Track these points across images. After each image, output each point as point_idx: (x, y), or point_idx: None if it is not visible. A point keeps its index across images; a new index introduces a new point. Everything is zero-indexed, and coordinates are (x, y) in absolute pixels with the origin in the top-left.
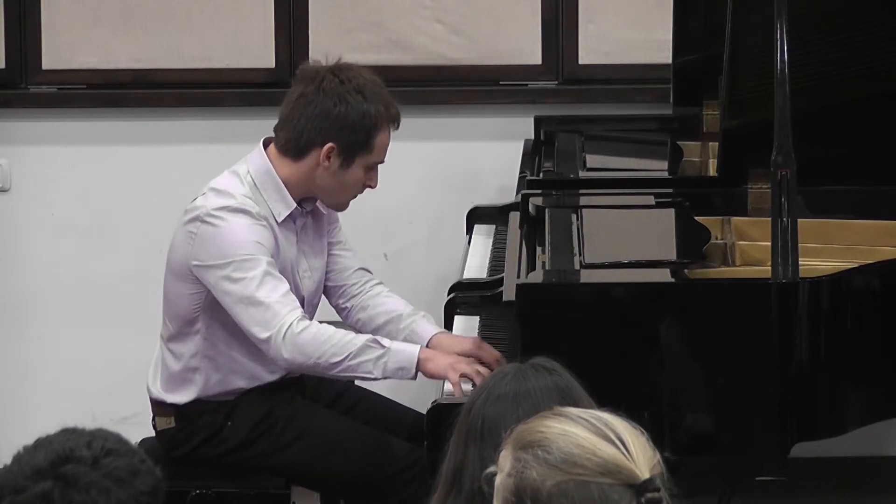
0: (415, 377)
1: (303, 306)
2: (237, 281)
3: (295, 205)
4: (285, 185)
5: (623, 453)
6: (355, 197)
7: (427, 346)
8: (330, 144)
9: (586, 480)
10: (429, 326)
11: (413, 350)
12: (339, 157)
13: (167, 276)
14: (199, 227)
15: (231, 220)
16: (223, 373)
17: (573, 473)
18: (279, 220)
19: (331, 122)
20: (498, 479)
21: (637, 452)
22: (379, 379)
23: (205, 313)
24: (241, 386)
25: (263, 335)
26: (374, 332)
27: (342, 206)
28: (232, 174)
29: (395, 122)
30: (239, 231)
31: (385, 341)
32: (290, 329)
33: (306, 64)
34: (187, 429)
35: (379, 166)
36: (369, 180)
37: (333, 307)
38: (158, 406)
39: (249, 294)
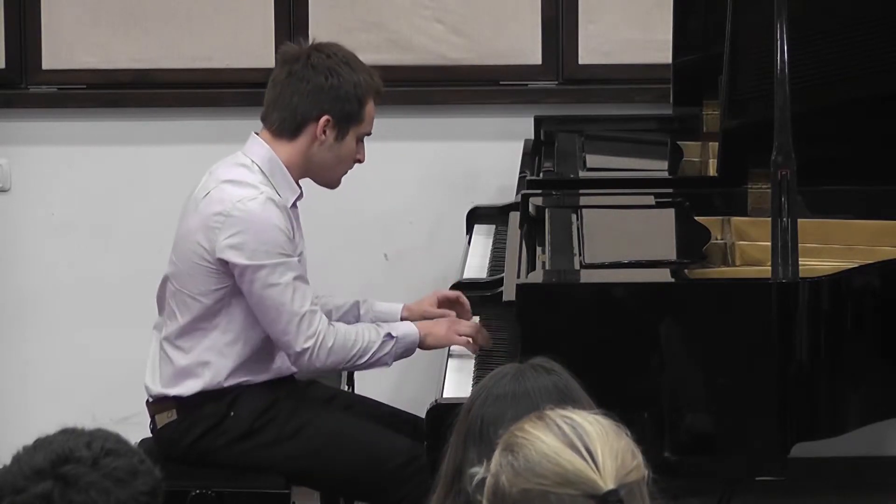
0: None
1: None
2: (270, 286)
3: (299, 189)
4: (287, 169)
5: (588, 463)
6: (346, 173)
7: (403, 318)
8: (325, 117)
9: (546, 490)
10: (384, 304)
11: (412, 330)
12: (335, 129)
13: (182, 273)
14: (224, 221)
15: (259, 212)
16: (232, 368)
17: (534, 482)
18: (288, 205)
19: (325, 94)
20: (487, 478)
21: (605, 462)
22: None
23: (228, 306)
24: (247, 380)
25: (297, 348)
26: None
27: (335, 183)
28: (238, 166)
29: (379, 91)
30: (269, 225)
31: (393, 331)
32: (323, 342)
33: (286, 46)
34: (189, 419)
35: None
36: (359, 153)
37: None
38: (158, 403)
39: (282, 305)
